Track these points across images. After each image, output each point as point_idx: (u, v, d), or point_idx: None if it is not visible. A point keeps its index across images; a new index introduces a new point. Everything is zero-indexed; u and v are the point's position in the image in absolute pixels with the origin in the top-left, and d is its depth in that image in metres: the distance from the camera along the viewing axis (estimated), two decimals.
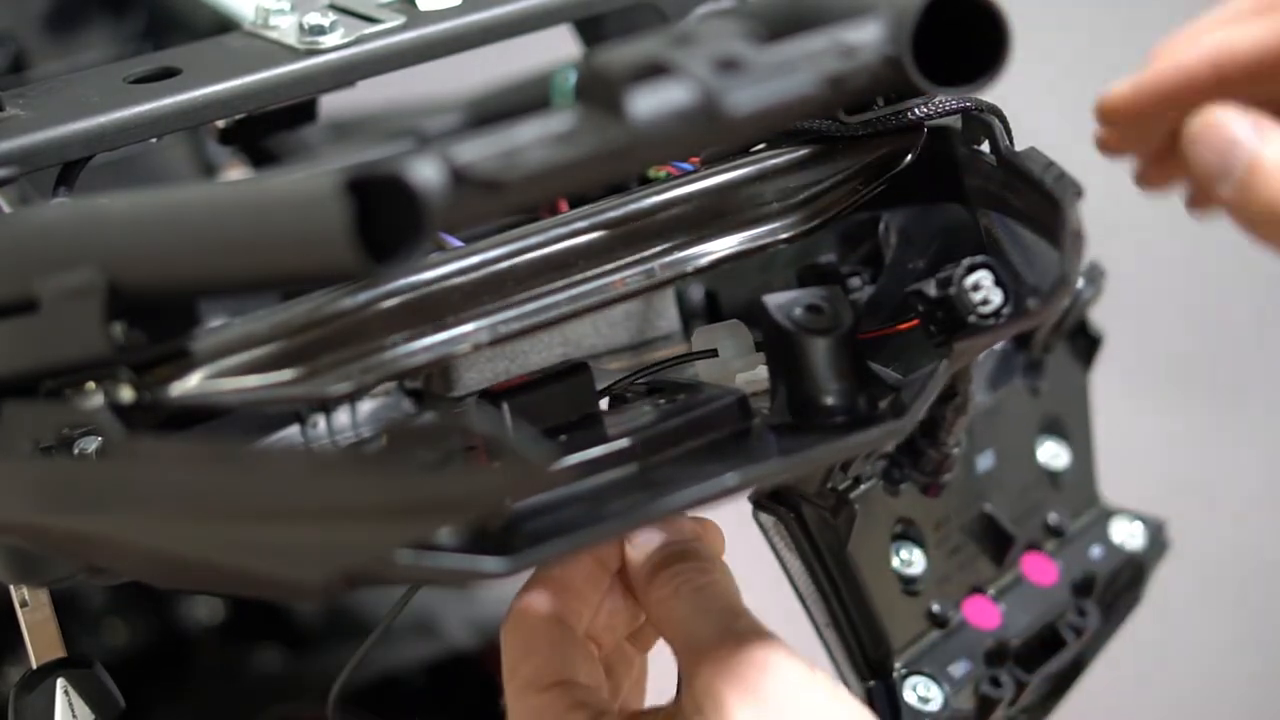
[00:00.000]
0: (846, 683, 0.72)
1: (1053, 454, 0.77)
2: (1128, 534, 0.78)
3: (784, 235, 0.64)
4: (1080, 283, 0.75)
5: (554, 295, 0.60)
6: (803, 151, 0.64)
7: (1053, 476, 0.77)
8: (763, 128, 0.62)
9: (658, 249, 0.62)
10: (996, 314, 0.61)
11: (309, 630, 1.12)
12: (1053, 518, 0.76)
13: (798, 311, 0.62)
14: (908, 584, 0.72)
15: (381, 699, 1.04)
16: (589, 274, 0.61)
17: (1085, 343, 0.78)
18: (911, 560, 0.72)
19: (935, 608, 0.72)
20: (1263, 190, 0.57)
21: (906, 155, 0.65)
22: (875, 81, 0.56)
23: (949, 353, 0.61)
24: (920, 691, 0.71)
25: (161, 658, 1.10)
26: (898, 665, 0.71)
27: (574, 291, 0.61)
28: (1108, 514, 0.78)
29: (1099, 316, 0.78)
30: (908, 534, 0.72)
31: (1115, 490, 0.79)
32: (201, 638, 1.12)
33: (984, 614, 0.73)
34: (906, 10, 0.56)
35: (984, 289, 0.61)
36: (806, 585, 0.71)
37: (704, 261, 0.62)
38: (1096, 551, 0.77)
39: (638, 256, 0.62)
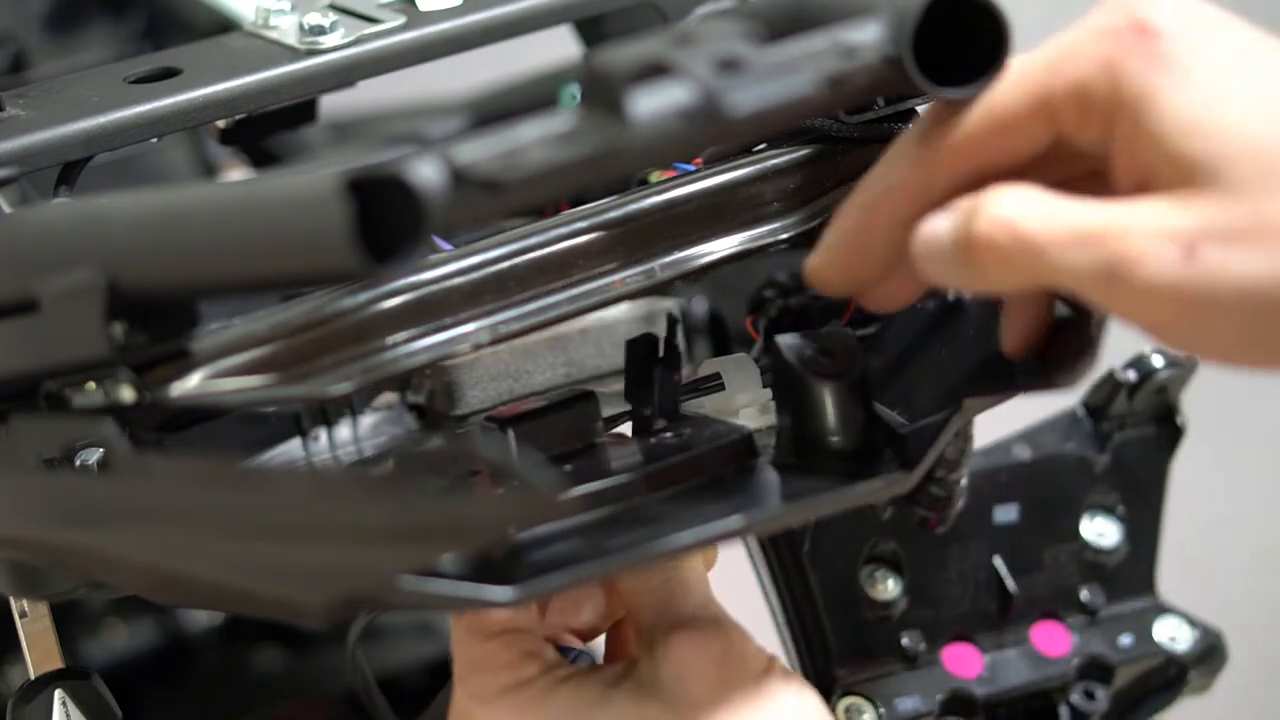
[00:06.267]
0: None
1: (1099, 531, 0.74)
2: (1171, 633, 0.74)
3: (784, 235, 0.64)
4: (1159, 361, 0.73)
5: (554, 295, 0.60)
6: (803, 151, 0.64)
7: (1095, 553, 0.74)
8: (763, 128, 0.61)
9: (658, 249, 0.62)
10: None
11: (309, 630, 1.12)
12: (1084, 595, 0.74)
13: (809, 353, 0.62)
14: (875, 608, 0.71)
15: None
16: (589, 274, 0.61)
17: (1170, 430, 0.75)
18: (885, 585, 0.71)
19: (905, 641, 0.71)
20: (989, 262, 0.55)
21: None
22: (876, 82, 0.56)
23: (958, 407, 0.60)
24: (850, 712, 0.70)
25: (161, 657, 1.10)
26: (840, 680, 0.70)
27: (574, 291, 0.61)
28: (1159, 609, 0.75)
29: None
30: (885, 558, 0.71)
31: None
32: (201, 638, 1.12)
33: (964, 662, 0.72)
34: (907, 10, 0.56)
35: None
36: (767, 578, 0.71)
37: (704, 261, 0.62)
38: (1125, 640, 0.74)
39: (638, 256, 0.62)
